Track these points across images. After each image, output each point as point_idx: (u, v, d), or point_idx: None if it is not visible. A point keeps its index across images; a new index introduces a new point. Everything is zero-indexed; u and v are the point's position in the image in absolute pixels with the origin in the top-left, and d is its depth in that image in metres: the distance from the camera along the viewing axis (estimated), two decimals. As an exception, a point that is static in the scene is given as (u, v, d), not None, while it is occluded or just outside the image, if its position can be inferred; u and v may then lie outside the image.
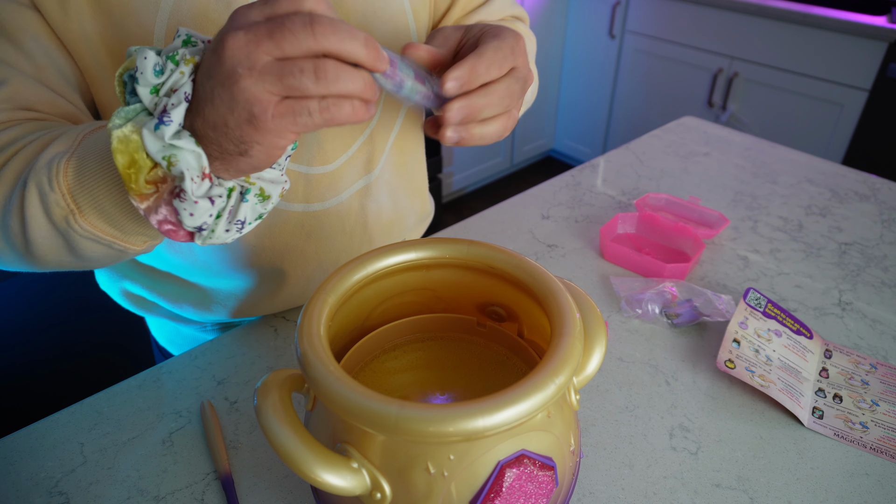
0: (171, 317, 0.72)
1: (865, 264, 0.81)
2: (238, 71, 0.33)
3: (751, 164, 1.06)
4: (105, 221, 0.42)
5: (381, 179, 0.68)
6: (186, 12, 0.49)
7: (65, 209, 0.40)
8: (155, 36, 0.49)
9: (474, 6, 0.69)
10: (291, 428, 0.37)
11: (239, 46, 0.33)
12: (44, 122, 0.48)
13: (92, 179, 0.40)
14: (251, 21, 0.34)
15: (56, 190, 0.40)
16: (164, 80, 0.36)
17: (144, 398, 0.61)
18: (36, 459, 0.55)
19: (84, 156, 0.40)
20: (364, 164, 0.64)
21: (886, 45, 1.82)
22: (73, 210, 0.40)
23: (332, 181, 0.62)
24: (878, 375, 0.64)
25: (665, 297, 0.72)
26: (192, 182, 0.36)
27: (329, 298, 0.44)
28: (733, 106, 2.24)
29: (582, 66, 2.72)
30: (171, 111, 0.35)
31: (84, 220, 0.41)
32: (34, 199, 0.41)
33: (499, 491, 0.37)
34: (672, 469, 0.55)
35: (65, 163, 0.40)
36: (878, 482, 0.54)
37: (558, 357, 0.38)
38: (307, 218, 0.63)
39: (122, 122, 0.36)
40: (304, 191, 0.61)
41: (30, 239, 0.43)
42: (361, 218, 0.67)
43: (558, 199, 0.96)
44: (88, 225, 0.41)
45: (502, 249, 0.49)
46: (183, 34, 0.37)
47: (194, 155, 0.36)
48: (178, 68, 0.36)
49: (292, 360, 0.66)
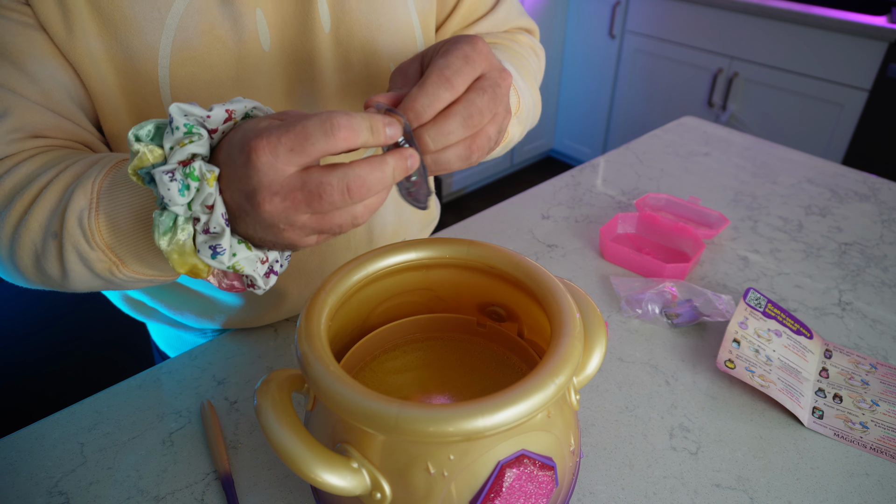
0: (172, 323, 0.72)
1: (865, 264, 0.81)
2: (279, 226, 0.36)
3: (751, 164, 1.06)
4: (147, 267, 0.45)
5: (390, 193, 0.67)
6: (192, 29, 0.48)
7: (107, 263, 0.43)
8: (160, 53, 0.48)
9: (476, 17, 0.67)
10: (291, 428, 0.37)
11: (278, 212, 0.35)
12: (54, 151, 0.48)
13: (128, 237, 0.42)
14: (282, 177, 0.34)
15: (96, 248, 0.42)
16: (192, 198, 0.36)
17: (144, 398, 0.61)
18: (36, 459, 0.55)
19: (111, 212, 0.42)
20: None
21: (886, 45, 1.82)
22: (117, 262, 0.43)
23: None
24: (878, 375, 0.64)
25: (665, 297, 0.72)
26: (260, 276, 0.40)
27: (329, 298, 0.44)
28: (733, 106, 2.24)
29: (582, 66, 2.72)
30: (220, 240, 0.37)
31: (127, 269, 0.44)
32: (73, 257, 0.43)
33: (499, 491, 0.37)
34: (672, 469, 0.55)
35: (95, 220, 0.41)
36: (878, 482, 0.54)
37: (558, 357, 0.38)
38: None
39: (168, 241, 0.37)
40: None
41: (70, 283, 0.46)
42: (367, 234, 0.67)
43: (558, 199, 0.96)
44: (132, 272, 0.44)
45: (502, 249, 0.49)
46: (181, 124, 0.36)
47: (253, 257, 0.39)
48: (201, 183, 0.36)
49: (292, 360, 0.66)
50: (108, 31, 0.46)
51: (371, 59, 0.58)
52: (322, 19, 0.53)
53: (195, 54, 0.49)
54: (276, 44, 0.52)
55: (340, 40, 0.55)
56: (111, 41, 0.47)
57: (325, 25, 0.54)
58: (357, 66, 0.57)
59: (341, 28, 0.55)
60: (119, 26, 0.46)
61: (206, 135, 0.37)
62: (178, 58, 0.49)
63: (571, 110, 2.87)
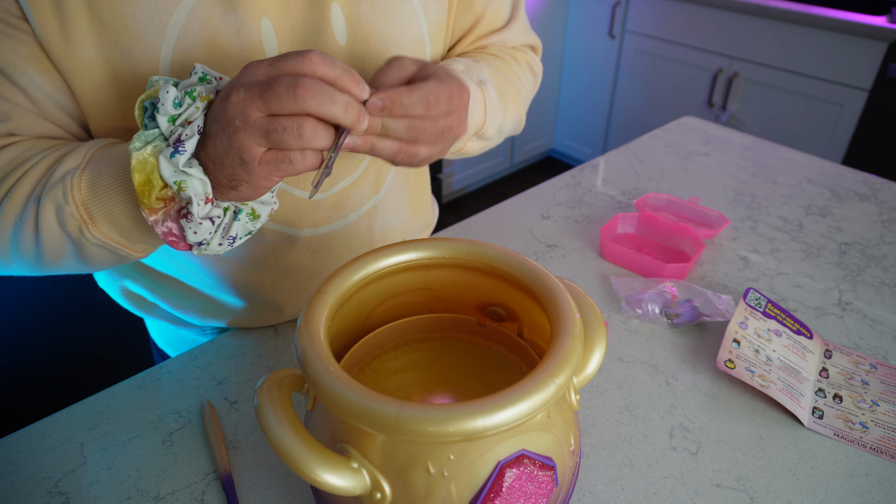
0: (172, 319, 0.72)
1: (865, 264, 0.81)
2: (235, 122, 0.39)
3: (751, 164, 1.06)
4: (114, 230, 0.46)
5: (389, 198, 0.68)
6: (194, 38, 0.48)
7: (78, 220, 0.45)
8: (160, 62, 0.48)
9: (488, 31, 0.69)
10: (291, 428, 0.37)
11: (238, 101, 0.39)
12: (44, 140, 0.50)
13: (105, 194, 0.45)
14: (254, 79, 0.39)
15: (71, 203, 0.44)
16: (181, 111, 0.41)
17: (144, 398, 0.61)
18: (36, 459, 0.55)
19: (96, 172, 0.45)
20: (371, 185, 0.64)
21: (886, 45, 1.82)
22: (87, 220, 0.45)
23: (339, 203, 0.62)
24: (878, 375, 0.64)
25: (665, 297, 0.72)
26: (198, 206, 0.42)
27: (329, 298, 0.44)
28: (733, 106, 2.24)
29: (582, 66, 2.72)
30: (186, 142, 0.41)
31: (95, 228, 0.45)
32: (49, 212, 0.45)
33: (499, 491, 0.37)
34: (672, 469, 0.55)
35: (78, 177, 0.44)
36: (878, 482, 0.54)
37: (558, 357, 0.38)
38: (314, 240, 0.63)
39: (141, 146, 0.42)
40: (312, 215, 0.61)
41: (41, 248, 0.47)
42: (368, 237, 0.68)
43: (558, 199, 0.96)
44: (99, 233, 0.46)
45: (502, 249, 0.49)
46: (199, 71, 0.43)
47: (201, 182, 0.42)
48: (194, 103, 0.41)
49: (292, 360, 0.66)
50: (108, 38, 0.46)
51: None
52: (337, 31, 0.53)
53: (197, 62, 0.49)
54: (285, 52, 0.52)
55: (356, 53, 0.55)
56: (111, 49, 0.47)
57: (341, 38, 0.54)
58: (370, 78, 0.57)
59: (358, 41, 0.55)
60: (120, 34, 0.46)
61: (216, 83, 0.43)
62: (179, 66, 0.49)
63: (571, 110, 2.87)
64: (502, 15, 0.69)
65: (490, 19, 0.68)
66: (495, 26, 0.69)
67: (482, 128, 0.60)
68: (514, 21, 0.70)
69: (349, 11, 0.53)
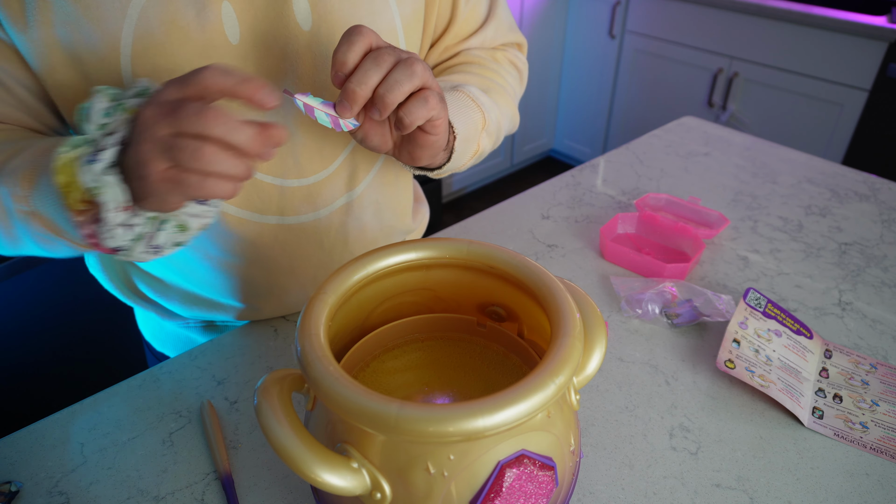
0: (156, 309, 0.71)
1: (865, 264, 0.81)
2: (143, 135, 0.40)
3: (751, 164, 1.06)
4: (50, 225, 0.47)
5: (366, 197, 0.67)
6: (154, 19, 0.49)
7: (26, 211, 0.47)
8: (122, 42, 0.49)
9: (467, 33, 0.69)
10: (291, 428, 0.37)
11: (149, 116, 0.40)
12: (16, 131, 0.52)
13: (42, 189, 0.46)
14: (167, 97, 0.40)
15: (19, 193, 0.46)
16: (108, 121, 0.43)
17: (144, 398, 0.61)
18: (36, 459, 0.55)
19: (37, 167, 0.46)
20: (346, 181, 0.64)
21: (886, 45, 1.82)
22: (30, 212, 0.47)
23: (309, 196, 0.62)
24: (878, 375, 0.64)
25: (665, 297, 0.72)
26: (110, 213, 0.43)
27: (329, 298, 0.44)
28: (733, 106, 2.24)
29: (582, 66, 2.72)
30: (104, 151, 0.42)
31: (39, 220, 0.47)
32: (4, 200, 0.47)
33: (499, 491, 0.37)
34: (672, 469, 0.55)
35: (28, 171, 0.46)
36: (878, 482, 0.54)
37: (558, 357, 0.38)
38: (281, 231, 0.63)
39: (68, 150, 0.43)
40: (277, 203, 0.61)
41: None
42: (342, 235, 0.67)
43: (558, 199, 0.96)
44: (42, 224, 0.47)
45: (502, 249, 0.49)
46: (144, 85, 0.44)
47: (116, 190, 0.42)
48: (123, 116, 0.43)
49: (292, 360, 0.66)
50: (70, 21, 0.47)
51: None
52: (300, 17, 0.53)
53: (157, 44, 0.49)
54: (246, 37, 0.52)
55: (321, 39, 0.55)
56: (73, 31, 0.48)
57: (305, 24, 0.54)
58: None
59: (323, 26, 0.55)
60: (81, 16, 0.47)
61: None
62: (140, 47, 0.49)
63: (571, 110, 2.87)
64: (478, 15, 0.69)
65: (465, 20, 0.68)
66: (472, 27, 0.69)
67: (484, 122, 0.60)
68: (491, 19, 0.70)
69: None
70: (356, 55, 0.46)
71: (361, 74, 0.45)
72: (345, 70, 0.46)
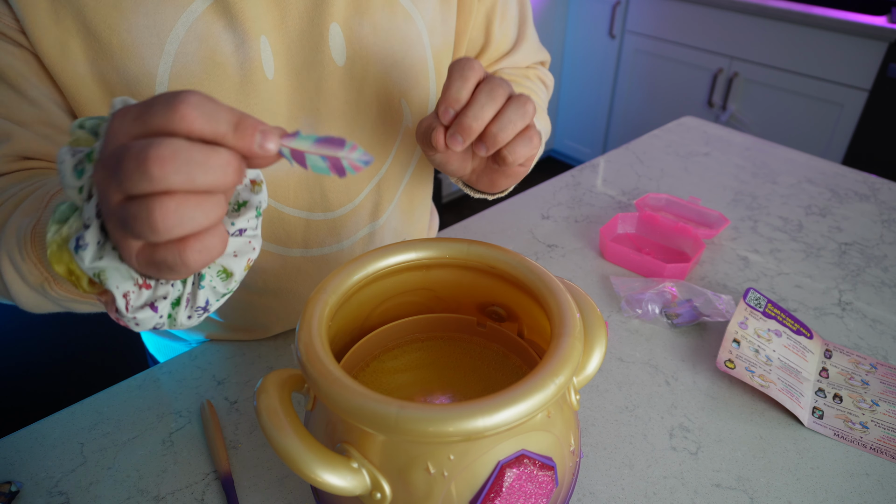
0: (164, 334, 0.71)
1: (865, 264, 0.81)
2: (102, 207, 0.29)
3: (751, 164, 1.06)
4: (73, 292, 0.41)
5: (387, 227, 0.67)
6: (192, 55, 0.47)
7: (39, 277, 0.39)
8: (157, 80, 0.47)
9: (499, 55, 0.69)
10: (291, 428, 0.37)
11: (98, 179, 0.28)
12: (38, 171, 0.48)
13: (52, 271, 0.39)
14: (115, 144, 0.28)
15: (28, 260, 0.39)
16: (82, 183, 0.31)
17: (144, 398, 0.61)
18: (36, 459, 0.55)
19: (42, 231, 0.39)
20: (370, 212, 0.64)
21: (886, 45, 1.82)
22: (48, 278, 0.39)
23: (334, 228, 0.61)
24: (878, 375, 0.64)
25: (665, 297, 0.72)
26: (124, 298, 0.33)
27: (329, 298, 0.44)
28: (733, 106, 2.24)
29: (582, 66, 2.72)
30: (86, 232, 0.31)
31: (59, 287, 0.40)
32: (9, 268, 0.40)
33: (499, 491, 0.37)
34: (672, 469, 0.55)
35: (31, 234, 0.38)
36: (878, 482, 0.54)
37: (558, 357, 0.38)
38: (305, 262, 0.62)
39: (54, 231, 0.33)
40: (303, 236, 0.60)
41: (14, 298, 0.43)
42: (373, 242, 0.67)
43: (558, 199, 0.96)
44: (64, 291, 0.40)
45: (502, 249, 0.49)
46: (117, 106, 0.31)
47: (115, 275, 0.32)
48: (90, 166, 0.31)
49: (292, 360, 0.66)
50: (105, 56, 0.45)
51: (382, 92, 0.57)
52: (335, 52, 0.52)
53: (194, 81, 0.48)
54: (280, 72, 0.51)
55: (355, 75, 0.55)
56: (107, 66, 0.46)
57: (339, 59, 0.53)
58: (368, 100, 0.57)
59: (356, 63, 0.54)
60: (116, 52, 0.45)
61: None
62: (176, 84, 0.48)
63: (571, 110, 2.87)
64: (509, 38, 0.69)
65: (498, 45, 0.68)
66: (504, 50, 0.69)
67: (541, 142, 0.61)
68: (522, 42, 0.70)
69: (349, 32, 0.52)
70: (469, 92, 0.45)
71: (478, 109, 0.44)
72: (458, 107, 0.45)
